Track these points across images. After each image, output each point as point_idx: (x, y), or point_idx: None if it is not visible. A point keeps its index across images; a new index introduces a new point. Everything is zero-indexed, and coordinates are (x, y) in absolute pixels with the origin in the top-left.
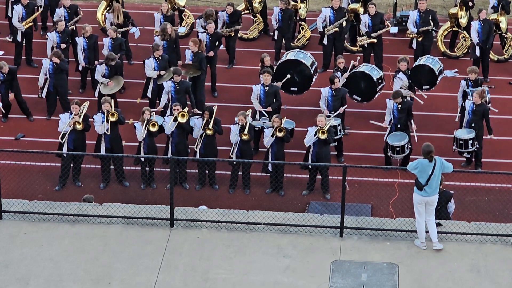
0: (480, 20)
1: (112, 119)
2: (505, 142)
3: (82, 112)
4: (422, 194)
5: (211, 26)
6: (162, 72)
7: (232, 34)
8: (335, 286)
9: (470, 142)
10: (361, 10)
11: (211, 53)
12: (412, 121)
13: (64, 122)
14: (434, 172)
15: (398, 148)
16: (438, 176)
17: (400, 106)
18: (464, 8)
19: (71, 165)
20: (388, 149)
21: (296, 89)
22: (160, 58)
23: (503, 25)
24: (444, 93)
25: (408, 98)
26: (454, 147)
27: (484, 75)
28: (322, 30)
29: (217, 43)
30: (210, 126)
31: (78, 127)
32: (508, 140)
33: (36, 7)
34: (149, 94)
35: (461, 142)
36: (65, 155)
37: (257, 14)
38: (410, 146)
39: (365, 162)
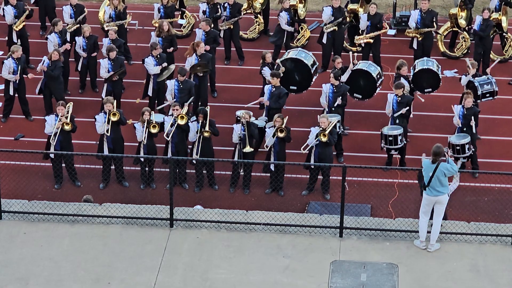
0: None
1: (113, 118)
2: (505, 142)
3: (68, 113)
4: (427, 193)
5: (204, 25)
6: (164, 65)
7: (232, 27)
8: (334, 286)
9: (466, 146)
10: (361, 10)
11: (207, 47)
12: (409, 111)
13: (50, 124)
14: (435, 174)
15: (390, 138)
16: (440, 178)
17: (400, 99)
18: (464, 8)
19: (63, 165)
20: (382, 140)
21: (295, 87)
22: (159, 56)
23: (504, 24)
24: (444, 93)
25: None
26: (450, 153)
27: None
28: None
29: (214, 42)
30: (207, 128)
31: (67, 127)
32: (508, 140)
33: (25, 7)
34: (149, 93)
35: (458, 148)
36: (51, 156)
37: (258, 15)
38: (404, 140)
39: (364, 163)
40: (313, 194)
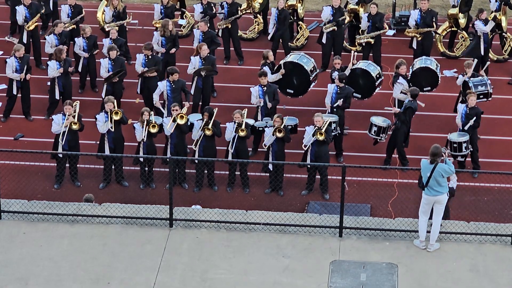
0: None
1: (115, 117)
2: (505, 142)
3: (75, 112)
4: (426, 193)
5: (203, 25)
6: (145, 69)
7: (230, 26)
8: (334, 286)
9: (464, 145)
10: (361, 10)
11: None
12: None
13: (58, 123)
14: (433, 175)
15: (375, 128)
16: (437, 179)
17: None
18: (463, 8)
19: (67, 164)
20: (369, 127)
21: (292, 91)
22: (150, 57)
23: (503, 24)
24: (444, 93)
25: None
26: (448, 150)
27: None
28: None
29: (212, 42)
30: (209, 126)
31: (75, 127)
32: (508, 140)
33: (40, 7)
34: (138, 90)
35: (455, 145)
36: (60, 156)
37: (257, 15)
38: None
39: (364, 162)
40: (312, 194)
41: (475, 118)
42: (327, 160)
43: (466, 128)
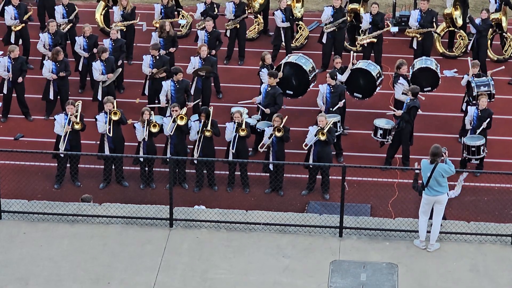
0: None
1: (114, 118)
2: (505, 142)
3: (77, 112)
4: (426, 193)
5: (210, 24)
6: (154, 70)
7: (238, 26)
8: (334, 286)
9: (481, 148)
10: (362, 10)
11: (212, 52)
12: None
13: (60, 123)
14: (433, 175)
15: (381, 131)
16: (437, 179)
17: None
18: (459, 7)
19: (67, 164)
20: (373, 130)
21: (291, 92)
22: (157, 57)
23: (504, 24)
24: (444, 93)
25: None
26: (465, 154)
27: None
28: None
29: (217, 42)
30: (208, 127)
31: (77, 127)
32: (508, 140)
33: (27, 8)
34: (146, 92)
35: (473, 149)
36: (61, 156)
37: (258, 15)
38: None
39: (364, 162)
40: (312, 194)
41: (488, 120)
42: (329, 161)
43: (478, 131)
